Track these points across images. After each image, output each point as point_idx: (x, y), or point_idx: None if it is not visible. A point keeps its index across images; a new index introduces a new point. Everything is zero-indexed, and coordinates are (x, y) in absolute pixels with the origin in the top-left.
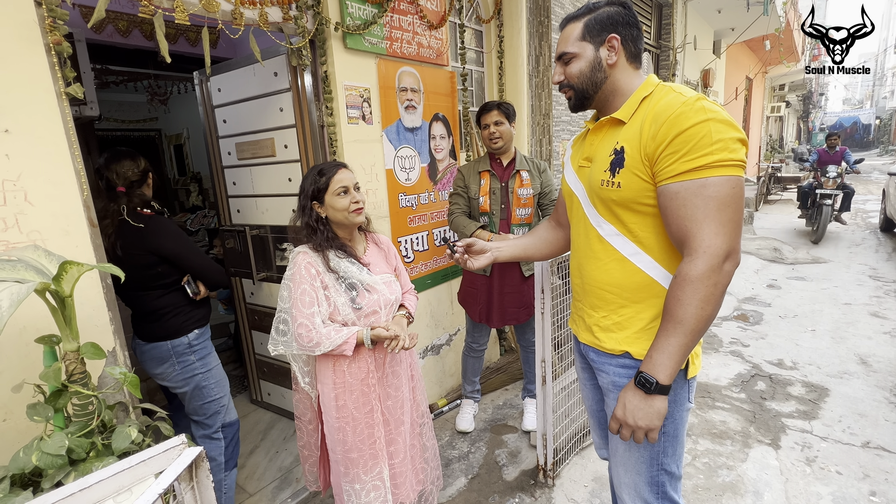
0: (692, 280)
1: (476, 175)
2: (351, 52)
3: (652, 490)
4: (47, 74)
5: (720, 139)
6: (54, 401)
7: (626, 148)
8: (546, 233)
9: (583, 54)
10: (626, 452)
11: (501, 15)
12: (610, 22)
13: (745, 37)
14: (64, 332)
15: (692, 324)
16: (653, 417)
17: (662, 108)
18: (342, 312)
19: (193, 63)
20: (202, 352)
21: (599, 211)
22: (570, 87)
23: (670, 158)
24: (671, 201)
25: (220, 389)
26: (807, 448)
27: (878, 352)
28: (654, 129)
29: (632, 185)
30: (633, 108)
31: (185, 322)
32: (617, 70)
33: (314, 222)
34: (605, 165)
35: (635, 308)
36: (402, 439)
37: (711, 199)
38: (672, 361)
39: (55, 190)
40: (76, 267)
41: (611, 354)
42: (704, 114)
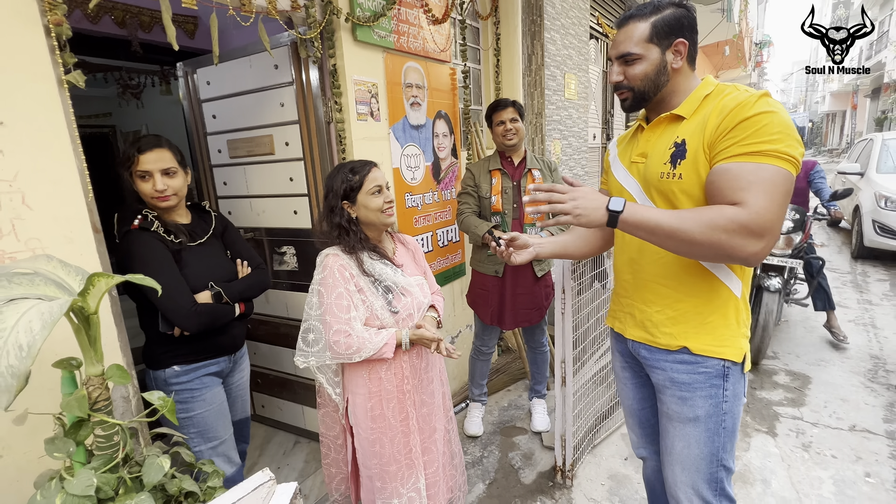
0: (723, 213)
1: (487, 174)
2: (360, 44)
3: (711, 487)
4: (47, 59)
5: (780, 131)
6: (75, 433)
7: (688, 140)
8: (585, 231)
9: (648, 56)
10: (684, 450)
11: (498, 12)
12: (678, 25)
13: (704, 42)
14: (87, 355)
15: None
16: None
17: (729, 101)
18: (380, 317)
19: (167, 54)
20: (183, 394)
21: (657, 204)
22: (630, 89)
23: (729, 140)
24: (721, 176)
25: (202, 441)
26: (801, 434)
27: (847, 339)
28: (719, 119)
29: (692, 175)
30: (695, 105)
31: (164, 355)
32: (679, 73)
33: (346, 223)
34: (665, 158)
35: (692, 302)
36: (435, 448)
37: (768, 180)
38: (641, 218)
39: (57, 191)
40: (104, 280)
41: (667, 350)
42: (769, 106)
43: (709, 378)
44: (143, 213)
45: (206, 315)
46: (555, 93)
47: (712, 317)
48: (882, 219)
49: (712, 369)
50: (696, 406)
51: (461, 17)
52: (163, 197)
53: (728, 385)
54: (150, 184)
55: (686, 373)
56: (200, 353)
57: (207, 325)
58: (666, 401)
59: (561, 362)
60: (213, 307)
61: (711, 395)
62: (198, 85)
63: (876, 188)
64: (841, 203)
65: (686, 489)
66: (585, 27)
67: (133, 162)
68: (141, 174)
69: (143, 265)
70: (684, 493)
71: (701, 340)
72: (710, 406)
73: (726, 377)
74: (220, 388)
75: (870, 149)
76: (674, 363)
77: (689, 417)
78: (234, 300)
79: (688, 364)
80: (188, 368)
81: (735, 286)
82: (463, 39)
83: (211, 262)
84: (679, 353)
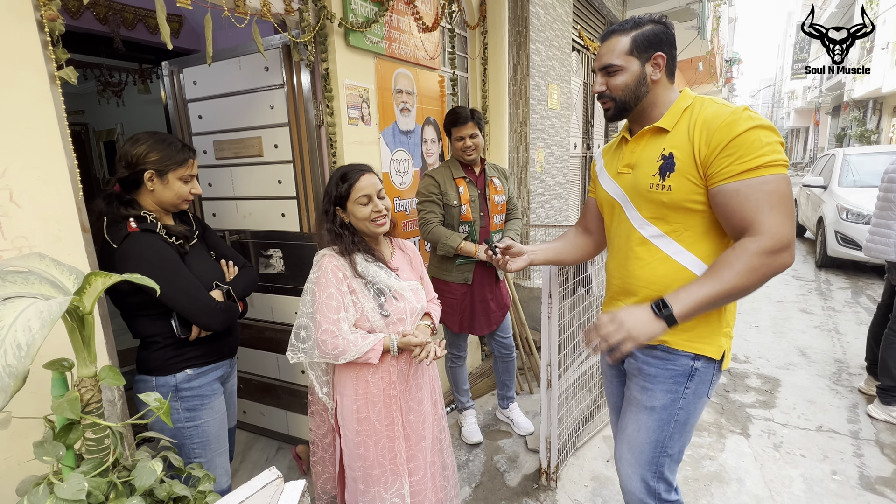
0: (749, 251)
1: (451, 182)
2: (352, 49)
3: (651, 469)
4: (39, 54)
5: (769, 142)
6: (65, 436)
7: (676, 153)
8: (576, 238)
9: (629, 68)
10: (634, 433)
11: (486, 23)
12: (657, 40)
13: (679, 58)
14: (80, 355)
15: (730, 287)
16: (640, 333)
17: (711, 116)
18: (370, 319)
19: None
20: (192, 401)
21: (644, 214)
22: (612, 99)
23: (726, 160)
24: (731, 198)
25: (204, 452)
26: (772, 435)
27: (813, 344)
28: (706, 135)
29: (682, 187)
30: (676, 118)
31: (173, 358)
32: (658, 85)
33: (339, 228)
34: (654, 170)
35: None
36: (422, 455)
37: (774, 192)
38: (694, 304)
39: (46, 189)
40: (101, 279)
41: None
42: (753, 121)
43: (674, 375)
44: (142, 215)
45: (227, 312)
46: (539, 102)
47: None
48: (844, 230)
49: (680, 368)
50: (655, 398)
51: (450, 26)
52: (191, 199)
53: (691, 385)
54: (189, 187)
55: (655, 367)
56: (212, 354)
57: (227, 323)
58: (631, 386)
59: (547, 366)
60: (229, 304)
61: (671, 391)
62: (184, 85)
63: (838, 201)
64: (805, 215)
65: (628, 467)
66: (568, 39)
67: (187, 166)
68: (190, 176)
69: (156, 268)
70: (625, 469)
71: (679, 336)
72: (668, 400)
73: (691, 377)
74: (222, 396)
75: (832, 163)
76: (648, 357)
77: (645, 406)
78: (240, 298)
79: (660, 360)
80: (199, 372)
81: None
82: (452, 48)
83: (206, 263)
84: (656, 349)
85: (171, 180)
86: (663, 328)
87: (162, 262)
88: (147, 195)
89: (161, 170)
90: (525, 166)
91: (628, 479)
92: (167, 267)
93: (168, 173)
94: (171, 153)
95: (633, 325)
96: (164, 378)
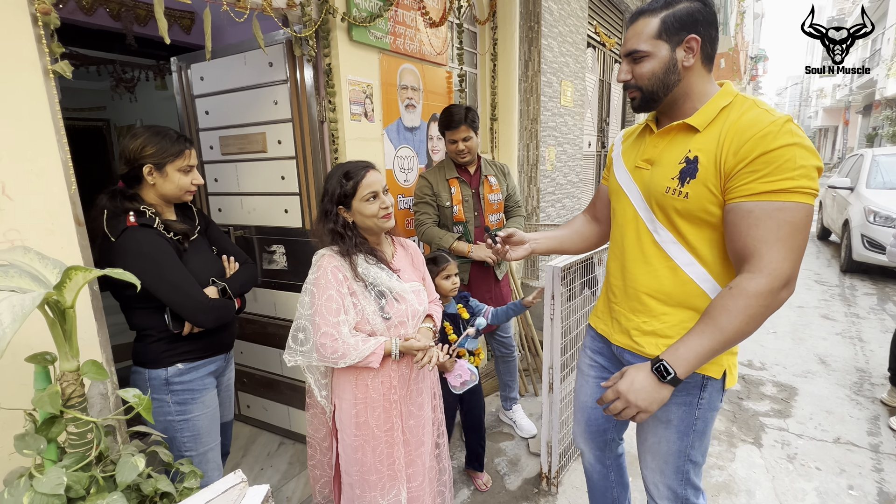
0: (748, 295)
1: (444, 182)
2: (356, 45)
3: (677, 477)
4: (33, 48)
5: (803, 165)
6: (47, 430)
7: (701, 158)
8: (582, 227)
9: (656, 54)
10: (655, 444)
11: (496, 18)
12: (691, 20)
13: None
14: (62, 350)
15: (730, 335)
16: (653, 403)
17: (748, 124)
18: (371, 322)
19: (162, 48)
20: (183, 395)
21: (658, 216)
22: (638, 89)
23: (750, 176)
24: (743, 219)
25: (195, 446)
26: (786, 445)
27: (833, 352)
28: (737, 144)
29: (700, 196)
30: (711, 117)
31: (166, 352)
32: (692, 73)
33: (341, 228)
34: (674, 173)
35: (680, 317)
36: (421, 461)
37: (786, 223)
38: (696, 361)
39: (39, 182)
40: (81, 273)
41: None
42: (792, 137)
43: (686, 388)
44: (141, 210)
45: (220, 310)
46: (550, 99)
47: None
48: (871, 233)
49: (691, 380)
50: (670, 412)
51: (458, 21)
52: (194, 190)
53: (704, 395)
54: (190, 177)
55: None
56: (205, 350)
57: (221, 321)
58: None
59: (549, 368)
60: (224, 302)
61: (686, 403)
62: (191, 80)
63: (865, 203)
64: (830, 217)
65: (654, 475)
66: (583, 35)
67: (184, 156)
68: (189, 167)
69: (151, 262)
70: (651, 479)
71: None
72: (684, 412)
73: (704, 388)
74: (215, 391)
75: (860, 164)
76: None
77: (661, 420)
78: (237, 295)
79: None
80: (191, 366)
81: None
82: (460, 43)
83: (206, 259)
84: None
85: (170, 172)
86: (670, 391)
87: (156, 257)
88: (149, 189)
89: (159, 163)
90: (535, 164)
91: (654, 487)
92: (161, 262)
93: (166, 165)
94: (166, 145)
95: (641, 399)
96: (156, 371)
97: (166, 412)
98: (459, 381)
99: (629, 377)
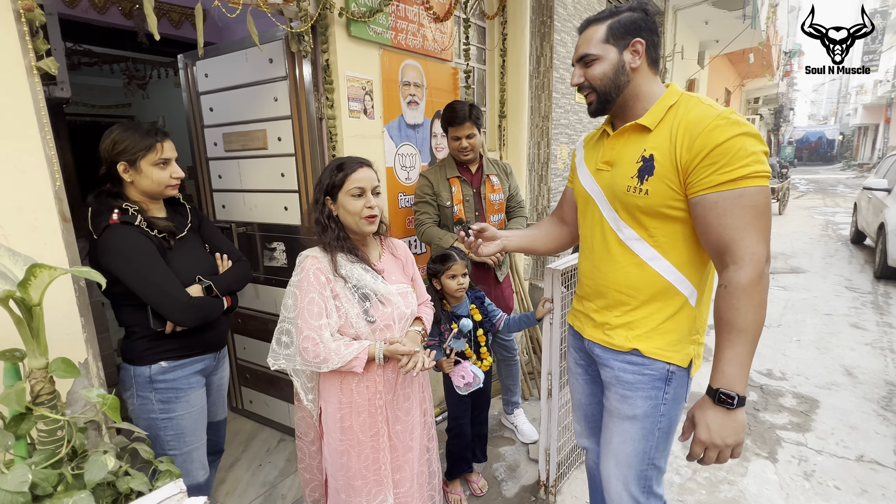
0: (745, 287)
1: (445, 182)
2: (354, 40)
3: (639, 484)
4: (16, 45)
5: (753, 152)
6: (16, 426)
7: (657, 156)
8: (551, 228)
9: (606, 56)
10: (620, 445)
11: (506, 12)
12: (634, 26)
13: (729, 49)
14: (30, 347)
15: (753, 329)
16: (739, 432)
17: (696, 120)
18: (355, 325)
19: (174, 46)
20: (167, 393)
21: (621, 215)
22: (593, 90)
23: (708, 170)
24: (710, 211)
25: (178, 445)
26: (804, 462)
27: (861, 363)
28: (688, 140)
29: (660, 192)
30: (660, 116)
31: (149, 350)
32: (639, 75)
33: (325, 219)
34: (632, 172)
35: (649, 309)
36: (409, 467)
37: (750, 208)
38: (745, 371)
39: (22, 179)
40: (46, 271)
41: (619, 351)
42: (739, 127)
43: (652, 380)
44: (124, 207)
45: (202, 308)
46: (563, 96)
47: (666, 323)
48: None
49: (657, 372)
50: (636, 405)
51: (465, 16)
52: (176, 184)
53: (669, 389)
54: (169, 171)
55: (632, 373)
56: (190, 348)
57: (203, 319)
58: (610, 397)
59: (547, 373)
60: (207, 300)
61: (651, 397)
62: (196, 77)
63: None
64: (865, 220)
65: (617, 483)
66: None
67: (155, 150)
68: (163, 161)
69: (129, 260)
70: (615, 486)
71: (651, 343)
72: (649, 406)
73: (668, 381)
74: (203, 389)
75: None
76: (623, 363)
77: (628, 415)
78: (224, 294)
79: (635, 365)
80: (176, 365)
81: (691, 296)
82: (466, 39)
83: (194, 256)
84: (629, 354)
85: (143, 168)
86: (743, 412)
87: (135, 255)
88: (129, 186)
89: (131, 159)
90: (546, 163)
91: (618, 496)
92: (141, 260)
93: (139, 161)
94: (135, 140)
95: (728, 437)
96: (140, 368)
97: (150, 410)
98: (462, 381)
99: (702, 423)
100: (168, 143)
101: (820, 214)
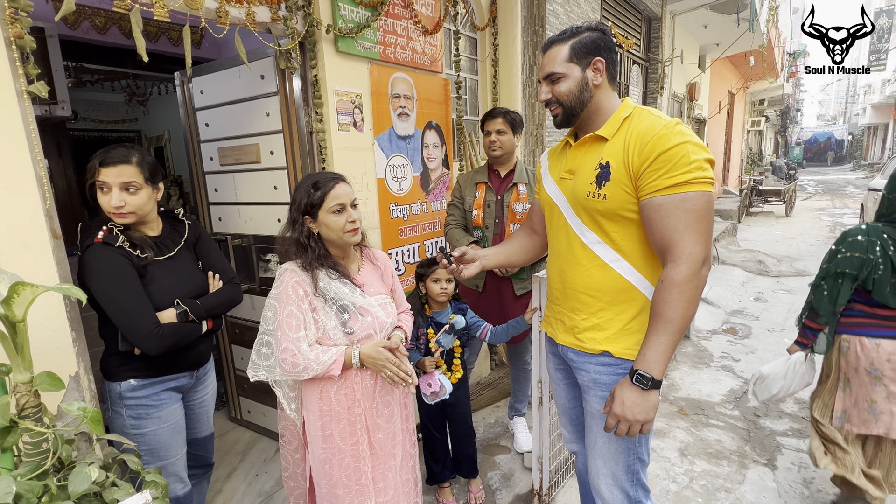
0: (678, 283)
1: (472, 186)
2: (342, 55)
3: (628, 477)
4: (6, 70)
5: (696, 159)
6: (2, 439)
7: (612, 163)
8: (523, 240)
9: (570, 74)
10: (606, 444)
11: (496, 23)
12: (594, 46)
13: (729, 52)
14: (14, 362)
15: (679, 322)
16: (649, 411)
17: (646, 129)
18: (332, 337)
19: (175, 63)
20: (137, 409)
21: (583, 220)
22: (559, 105)
23: (654, 174)
24: (655, 213)
25: (151, 460)
26: (803, 469)
27: None
28: (638, 147)
29: (616, 196)
30: (616, 127)
31: (120, 367)
32: (600, 90)
33: (305, 238)
34: (591, 178)
35: (614, 311)
36: (392, 474)
37: (691, 211)
38: (664, 358)
39: (13, 199)
40: (29, 289)
41: (591, 354)
42: (682, 137)
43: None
44: (108, 227)
45: (168, 337)
46: None
47: (631, 323)
48: None
49: (627, 370)
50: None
51: (455, 28)
52: (119, 213)
53: None
54: (108, 198)
55: (607, 374)
56: (161, 368)
57: (170, 347)
58: (590, 400)
59: (538, 382)
60: (178, 328)
61: None
62: (192, 94)
63: None
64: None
65: (607, 480)
66: None
67: (95, 173)
68: (101, 185)
69: (102, 282)
70: (605, 483)
71: (620, 344)
72: None
73: None
74: (178, 405)
75: None
76: (597, 365)
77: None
78: (202, 318)
79: (609, 366)
80: (145, 383)
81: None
82: (457, 50)
83: (181, 276)
84: (601, 357)
85: (96, 191)
86: (657, 394)
87: (109, 278)
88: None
89: (90, 182)
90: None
91: (609, 493)
92: (114, 283)
93: (92, 184)
94: (91, 163)
95: (638, 413)
96: (112, 384)
97: (122, 425)
98: (429, 390)
99: (618, 398)
100: (111, 169)
101: (828, 216)
